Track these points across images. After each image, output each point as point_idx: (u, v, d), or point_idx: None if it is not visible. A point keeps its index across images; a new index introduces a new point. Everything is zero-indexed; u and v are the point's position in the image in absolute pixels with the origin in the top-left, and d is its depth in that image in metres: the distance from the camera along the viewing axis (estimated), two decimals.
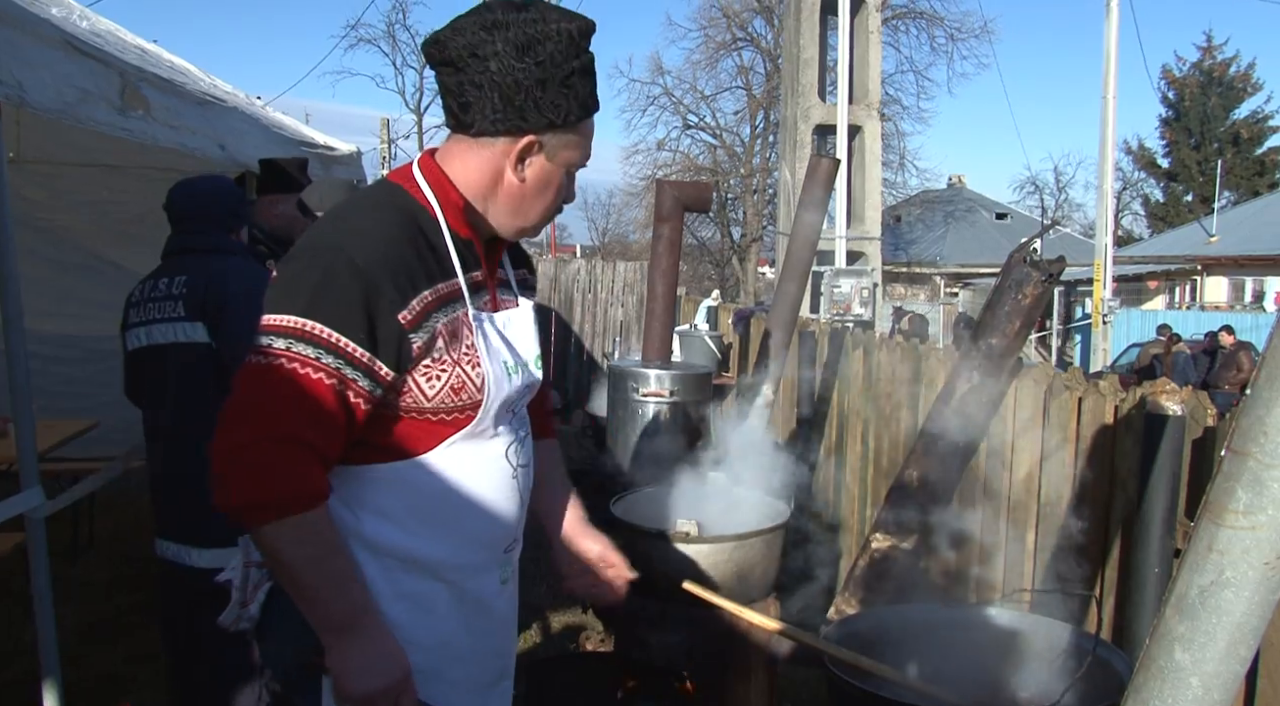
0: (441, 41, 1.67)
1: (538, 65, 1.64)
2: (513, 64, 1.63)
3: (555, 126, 1.70)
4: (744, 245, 35.68)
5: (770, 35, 33.51)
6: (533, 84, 1.65)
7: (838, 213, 15.99)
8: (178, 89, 4.33)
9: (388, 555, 1.73)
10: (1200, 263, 31.20)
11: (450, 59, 1.66)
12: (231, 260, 3.11)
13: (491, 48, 1.63)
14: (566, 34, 1.67)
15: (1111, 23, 18.68)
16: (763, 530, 2.95)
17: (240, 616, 1.88)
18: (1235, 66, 41.33)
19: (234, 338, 2.92)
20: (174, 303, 3.03)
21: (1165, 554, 2.51)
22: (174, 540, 3.01)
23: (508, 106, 1.66)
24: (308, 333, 1.55)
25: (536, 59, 1.64)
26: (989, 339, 3.18)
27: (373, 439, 1.68)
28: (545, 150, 1.72)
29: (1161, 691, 1.30)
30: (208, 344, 2.97)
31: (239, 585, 1.89)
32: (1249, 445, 1.20)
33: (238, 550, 1.97)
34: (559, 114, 1.69)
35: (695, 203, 4.60)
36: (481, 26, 1.64)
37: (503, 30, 1.63)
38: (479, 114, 1.67)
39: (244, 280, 3.03)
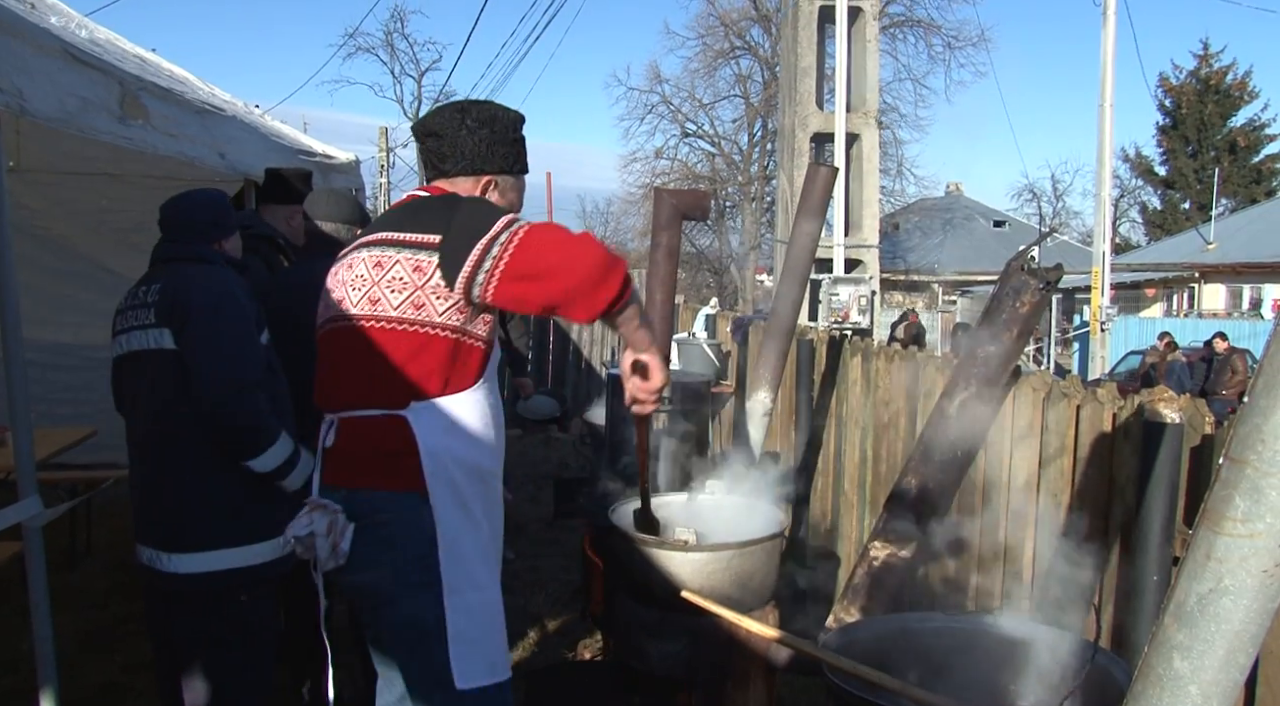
0: (426, 122, 2.57)
1: (493, 132, 2.55)
2: (476, 130, 2.53)
3: (505, 171, 2.59)
4: (742, 253, 35.70)
5: (768, 44, 33.55)
6: (491, 142, 2.55)
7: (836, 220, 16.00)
8: (177, 98, 4.34)
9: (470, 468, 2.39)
10: (1198, 270, 31.24)
11: (433, 131, 2.54)
12: (204, 269, 3.06)
13: (462, 122, 2.53)
14: (510, 117, 2.61)
15: (1108, 31, 18.72)
16: (761, 539, 2.95)
17: (333, 555, 2.32)
18: (1232, 74, 41.43)
19: (195, 344, 2.92)
20: (147, 310, 3.01)
21: (1164, 561, 2.52)
22: (150, 545, 3.00)
23: (475, 156, 2.54)
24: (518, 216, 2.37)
25: (492, 128, 2.55)
26: (987, 347, 3.19)
27: (463, 366, 2.38)
28: (499, 188, 2.59)
29: (1160, 699, 1.30)
30: (174, 351, 2.95)
31: (323, 532, 2.32)
32: (1247, 453, 1.20)
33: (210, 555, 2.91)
34: (508, 163, 2.59)
35: (693, 211, 4.60)
36: (454, 110, 2.56)
37: (469, 113, 2.55)
38: (453, 163, 2.54)
39: (212, 289, 2.98)
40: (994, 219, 45.97)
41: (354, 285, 2.40)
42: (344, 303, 2.42)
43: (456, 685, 2.32)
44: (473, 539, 2.39)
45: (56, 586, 3.40)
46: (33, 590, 3.15)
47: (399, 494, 2.33)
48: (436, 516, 2.32)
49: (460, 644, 2.33)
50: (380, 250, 2.38)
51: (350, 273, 2.43)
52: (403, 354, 2.33)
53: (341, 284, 2.45)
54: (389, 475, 2.34)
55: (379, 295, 2.34)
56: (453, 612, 2.33)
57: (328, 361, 2.47)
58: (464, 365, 2.37)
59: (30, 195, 6.58)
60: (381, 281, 2.35)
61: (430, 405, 2.34)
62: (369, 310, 2.35)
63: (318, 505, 2.36)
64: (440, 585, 2.32)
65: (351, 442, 2.39)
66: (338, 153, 7.25)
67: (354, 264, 2.44)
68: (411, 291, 2.31)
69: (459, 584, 2.34)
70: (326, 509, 2.35)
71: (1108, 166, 19.80)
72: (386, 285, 2.34)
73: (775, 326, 4.56)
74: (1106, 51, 18.84)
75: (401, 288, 2.32)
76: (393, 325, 2.33)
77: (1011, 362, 3.29)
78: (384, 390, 2.34)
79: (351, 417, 2.39)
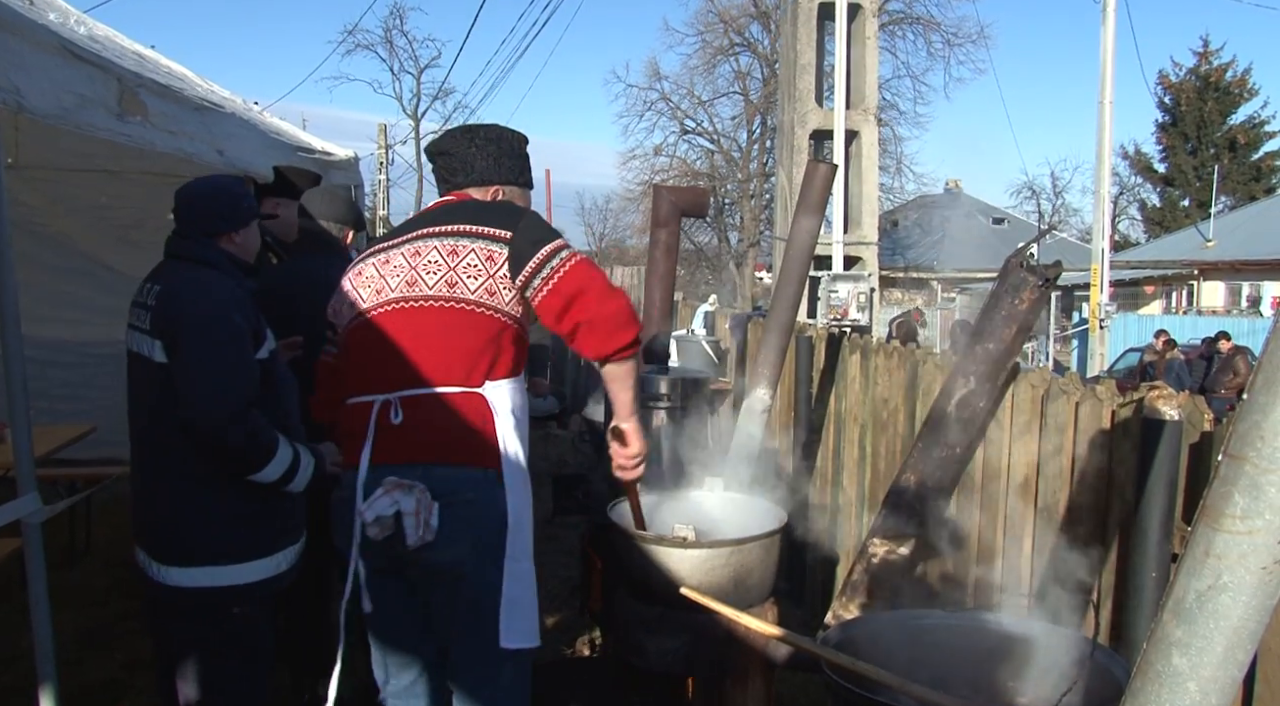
0: (437, 143, 2.85)
1: (499, 148, 2.80)
2: (484, 146, 2.79)
3: (511, 183, 2.83)
4: (741, 250, 35.70)
5: (767, 41, 33.54)
6: (497, 157, 2.80)
7: (835, 218, 16.00)
8: (175, 94, 4.33)
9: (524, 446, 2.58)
10: (1197, 267, 31.24)
11: (444, 150, 2.81)
12: (201, 274, 2.90)
13: (469, 140, 2.80)
14: (514, 136, 2.86)
15: (1108, 28, 18.72)
16: (760, 535, 2.95)
17: (423, 533, 2.43)
18: (1232, 71, 41.39)
19: (184, 368, 2.78)
20: (146, 313, 2.88)
21: (1162, 558, 2.52)
22: (144, 550, 2.96)
23: (483, 170, 2.78)
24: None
25: (499, 145, 2.81)
26: (986, 343, 3.19)
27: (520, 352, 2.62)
28: (506, 198, 2.80)
29: (1159, 696, 1.30)
30: (162, 364, 2.80)
31: (411, 510, 2.42)
32: (1246, 450, 1.20)
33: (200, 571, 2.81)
34: (513, 176, 2.83)
35: (692, 208, 4.61)
36: (462, 131, 2.85)
37: (475, 133, 2.82)
38: (464, 176, 2.79)
39: (203, 304, 2.83)
40: (993, 216, 45.94)
41: (428, 269, 2.56)
42: (416, 284, 2.56)
43: (501, 643, 2.51)
44: (529, 513, 2.58)
45: (56, 583, 3.39)
46: (32, 587, 3.15)
47: (478, 471, 2.49)
48: (509, 491, 2.52)
49: (511, 607, 2.53)
50: (455, 240, 2.57)
51: (419, 259, 2.58)
52: (482, 335, 2.52)
53: (409, 268, 2.59)
54: (468, 452, 2.50)
55: (456, 279, 2.52)
56: (510, 578, 2.52)
57: (382, 343, 2.57)
58: (521, 351, 2.63)
59: (29, 192, 6.56)
60: (459, 268, 2.53)
61: (500, 385, 2.55)
62: (448, 293, 2.52)
63: (399, 484, 2.45)
64: (504, 553, 2.52)
65: (424, 419, 2.51)
66: (336, 149, 7.24)
67: (422, 250, 2.59)
68: (485, 279, 2.52)
69: (517, 552, 2.54)
70: (412, 488, 2.45)
71: (1107, 163, 19.80)
72: (464, 272, 2.52)
73: (774, 323, 4.56)
74: (1106, 48, 18.83)
75: (477, 274, 2.52)
76: (471, 308, 2.52)
77: (1010, 360, 3.29)
78: (466, 367, 2.51)
79: (421, 396, 2.52)
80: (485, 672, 2.58)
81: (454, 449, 2.49)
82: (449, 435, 2.49)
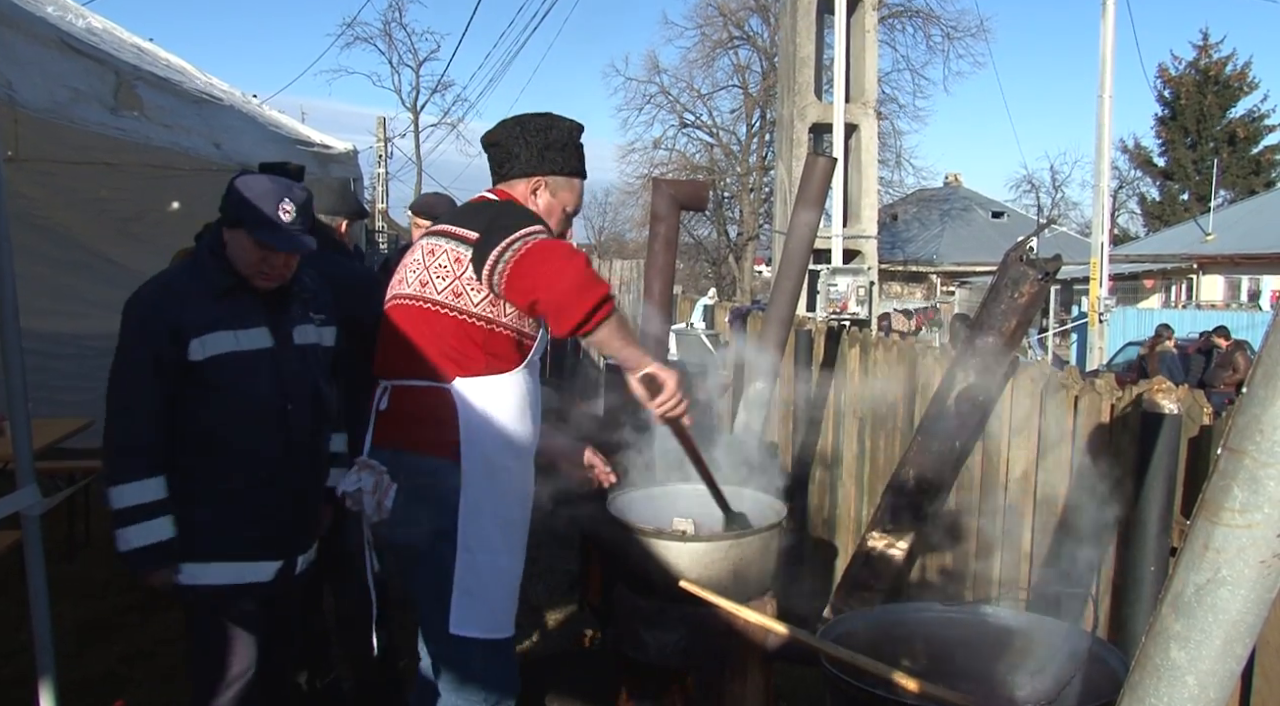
0: (490, 133, 2.86)
1: (545, 138, 2.79)
2: (530, 137, 2.78)
3: (555, 173, 2.81)
4: (740, 244, 35.67)
5: (767, 34, 33.47)
6: (542, 148, 2.78)
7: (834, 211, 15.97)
8: (174, 87, 4.33)
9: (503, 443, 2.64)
10: (1196, 261, 31.21)
11: (494, 141, 2.83)
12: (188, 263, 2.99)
13: (518, 131, 2.79)
14: (565, 125, 2.84)
15: (1108, 21, 18.68)
16: (759, 529, 2.95)
17: (377, 511, 2.59)
18: (1231, 65, 41.33)
19: None
20: None
21: (1161, 552, 2.52)
22: None
23: (527, 161, 2.78)
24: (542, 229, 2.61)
25: (545, 136, 2.79)
26: (985, 337, 3.19)
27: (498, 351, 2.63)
28: (549, 187, 2.82)
29: (1158, 689, 1.30)
30: None
31: (370, 490, 2.59)
32: (1245, 443, 1.20)
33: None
34: (558, 166, 2.81)
35: (691, 201, 4.60)
36: (514, 122, 2.83)
37: (525, 123, 2.81)
38: (509, 166, 2.80)
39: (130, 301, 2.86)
40: (993, 210, 45.90)
41: (411, 268, 2.73)
42: (402, 282, 2.74)
43: (450, 629, 2.62)
44: (494, 506, 2.64)
45: (55, 576, 3.39)
46: (31, 580, 3.15)
47: (437, 459, 2.60)
48: (464, 481, 2.59)
49: (462, 595, 2.62)
50: (435, 240, 2.71)
51: (411, 257, 2.77)
52: (445, 334, 2.62)
53: (404, 265, 2.78)
54: (430, 441, 2.62)
55: (428, 279, 2.66)
56: (461, 567, 2.61)
57: (386, 333, 2.75)
58: (499, 351, 2.65)
59: (29, 185, 6.55)
60: (431, 267, 2.67)
61: (471, 382, 2.62)
62: (419, 291, 2.67)
63: (366, 465, 2.65)
64: (456, 540, 2.61)
65: (400, 408, 2.69)
66: (335, 142, 7.24)
67: (416, 248, 2.78)
68: (451, 280, 2.62)
69: (472, 543, 2.61)
70: (374, 468, 2.63)
71: (1106, 157, 19.76)
72: (434, 271, 2.66)
73: (773, 317, 4.56)
74: (1106, 42, 18.80)
75: (445, 274, 2.63)
76: (435, 308, 2.63)
77: (1010, 353, 3.29)
78: (431, 364, 2.63)
79: (402, 386, 2.69)
80: (445, 654, 2.70)
81: (417, 437, 2.65)
82: (415, 424, 2.66)
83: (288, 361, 2.94)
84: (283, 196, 2.81)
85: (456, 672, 2.69)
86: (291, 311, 2.99)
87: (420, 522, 2.62)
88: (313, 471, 3.05)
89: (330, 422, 3.14)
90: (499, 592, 2.68)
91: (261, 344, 2.89)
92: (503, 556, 2.68)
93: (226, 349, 2.82)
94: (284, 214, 2.79)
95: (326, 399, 3.08)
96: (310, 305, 3.08)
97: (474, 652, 2.66)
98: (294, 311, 3.00)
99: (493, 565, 2.65)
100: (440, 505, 2.61)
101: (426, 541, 2.63)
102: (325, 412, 3.08)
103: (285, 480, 2.92)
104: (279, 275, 2.88)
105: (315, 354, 3.05)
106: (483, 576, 2.64)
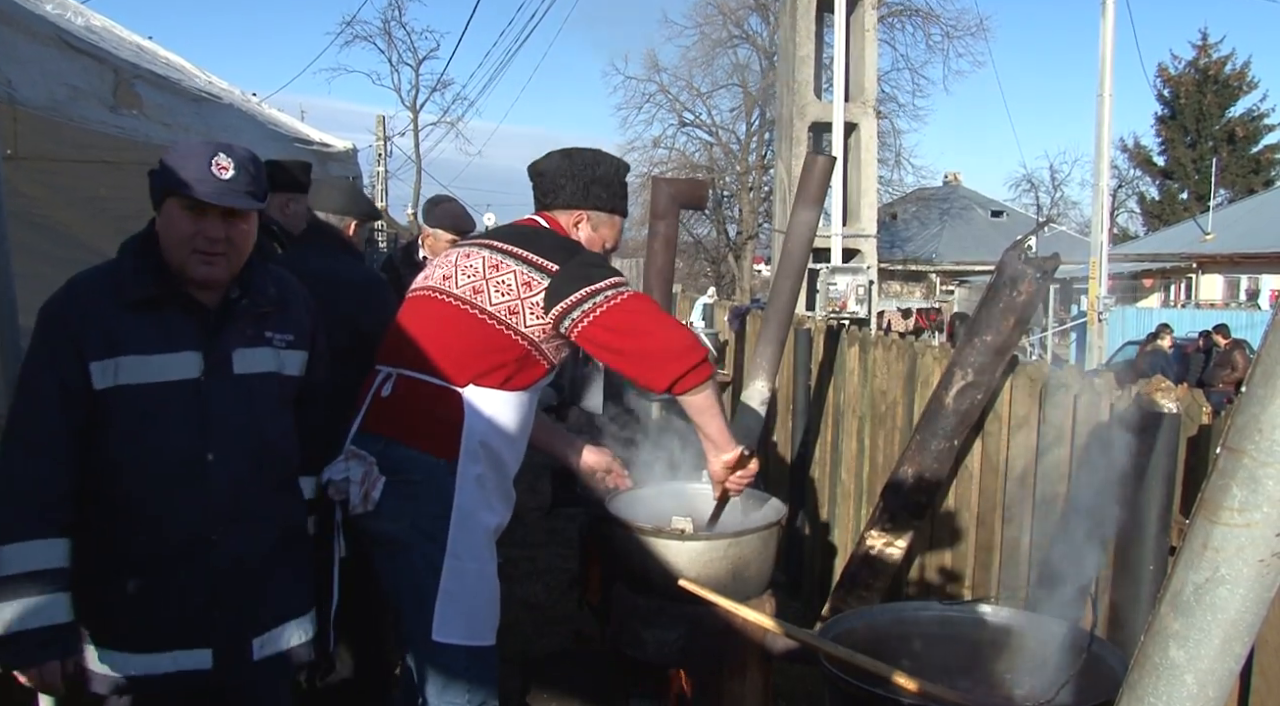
0: (537, 163, 2.94)
1: (591, 175, 2.88)
2: (577, 173, 2.87)
3: (598, 209, 2.90)
4: (740, 243, 35.65)
5: (766, 32, 33.45)
6: (588, 183, 2.88)
7: (833, 210, 15.96)
8: (173, 86, 4.32)
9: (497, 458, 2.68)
10: (1196, 260, 31.21)
11: (541, 171, 2.92)
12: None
13: (566, 165, 2.89)
14: (611, 163, 2.95)
15: (1107, 20, 18.69)
16: (758, 527, 2.95)
17: (364, 503, 2.55)
18: (1231, 64, 41.32)
19: None
20: None
21: (1160, 551, 2.52)
22: None
23: (572, 194, 2.87)
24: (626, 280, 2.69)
25: (591, 172, 2.88)
26: (984, 336, 3.19)
27: (524, 372, 2.70)
28: (591, 222, 2.91)
29: (1156, 688, 1.30)
30: None
31: (358, 480, 2.55)
32: (1244, 442, 1.21)
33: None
34: (602, 202, 2.90)
35: (691, 200, 4.60)
36: (561, 155, 2.93)
37: (573, 157, 2.91)
38: (553, 197, 2.89)
39: None
40: (992, 209, 45.92)
41: (465, 272, 2.73)
42: (450, 280, 2.74)
43: (432, 636, 2.60)
44: (484, 517, 2.68)
45: None
46: None
47: (433, 458, 2.61)
48: (458, 486, 2.61)
49: (447, 602, 2.61)
50: (502, 256, 2.72)
51: (466, 261, 2.76)
52: (478, 342, 2.65)
53: (454, 265, 2.77)
54: (430, 438, 2.62)
55: (484, 288, 2.67)
56: (448, 573, 2.60)
57: (408, 322, 2.77)
58: (525, 372, 2.71)
59: (29, 183, 6.54)
60: (492, 280, 2.68)
61: (486, 392, 2.65)
62: (469, 296, 2.68)
63: (355, 454, 2.62)
64: (445, 546, 2.60)
65: (405, 400, 2.67)
66: (335, 141, 7.24)
67: (472, 255, 2.77)
68: (513, 299, 2.65)
69: (460, 550, 2.62)
70: (363, 458, 2.61)
71: (1106, 157, 19.76)
72: (494, 285, 2.67)
73: (773, 316, 4.56)
74: (1105, 41, 18.80)
75: (506, 291, 2.66)
76: (485, 317, 2.65)
77: (1009, 352, 3.29)
78: (456, 366, 2.64)
79: (411, 377, 2.68)
80: (427, 660, 2.67)
81: (417, 433, 2.63)
82: (417, 419, 2.64)
83: (219, 397, 2.33)
84: (216, 152, 2.29)
85: (439, 679, 2.67)
86: (235, 330, 2.38)
87: (404, 517, 2.62)
88: (257, 537, 2.39)
89: (290, 470, 2.53)
90: (483, 601, 2.70)
91: (184, 373, 2.30)
92: (488, 564, 2.71)
93: (134, 378, 2.26)
94: (218, 169, 2.24)
95: (277, 445, 2.45)
96: (271, 323, 2.46)
97: (457, 659, 2.66)
98: (240, 330, 2.39)
99: (479, 574, 2.67)
100: (427, 504, 2.61)
101: (408, 538, 2.63)
102: (275, 461, 2.45)
103: (207, 551, 2.30)
104: (218, 257, 2.29)
105: (267, 387, 2.43)
106: (469, 584, 2.64)
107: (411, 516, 2.61)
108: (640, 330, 2.58)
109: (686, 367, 2.55)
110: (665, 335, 2.58)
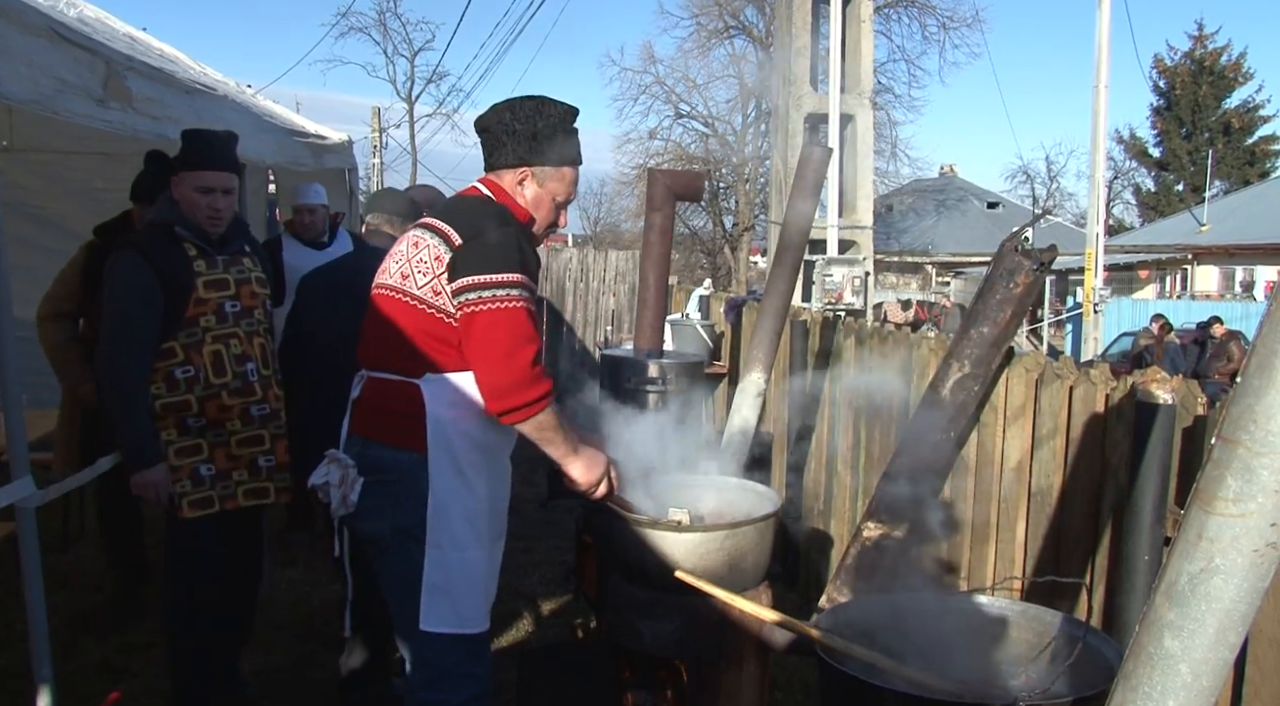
0: (480, 118, 2.77)
1: (532, 127, 2.69)
2: (518, 127, 2.69)
3: (542, 162, 2.72)
4: (736, 234, 35.63)
5: (762, 23, 33.39)
6: (529, 136, 2.69)
7: (830, 202, 15.95)
8: (166, 78, 4.29)
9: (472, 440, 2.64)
10: (1191, 252, 31.25)
11: (483, 127, 2.76)
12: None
13: (507, 118, 2.71)
14: (557, 110, 2.73)
15: (1103, 12, 18.67)
16: (754, 519, 2.96)
17: (343, 505, 2.64)
18: (1226, 56, 41.35)
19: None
20: None
21: (1155, 542, 2.52)
22: None
23: (513, 151, 2.71)
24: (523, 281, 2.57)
25: (533, 123, 2.69)
26: (980, 327, 3.19)
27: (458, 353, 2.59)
28: (536, 178, 2.74)
29: (1151, 678, 1.31)
30: None
31: (337, 483, 2.63)
32: (1239, 433, 1.21)
33: None
34: (545, 156, 2.72)
35: (687, 192, 4.59)
36: (505, 108, 2.73)
37: (515, 108, 2.71)
38: (497, 156, 2.73)
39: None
40: (988, 200, 45.93)
41: (394, 257, 2.72)
42: (385, 272, 2.73)
43: (421, 626, 2.63)
44: (462, 503, 2.65)
45: (50, 568, 3.39)
46: (26, 571, 3.15)
47: (405, 453, 2.61)
48: (430, 477, 2.60)
49: (432, 592, 2.63)
50: (421, 232, 2.68)
51: (399, 246, 2.74)
52: (421, 330, 2.60)
53: (390, 254, 2.76)
54: (400, 434, 2.62)
55: (409, 272, 2.64)
56: (430, 564, 2.62)
57: (368, 323, 2.78)
58: None
59: (25, 174, 6.54)
60: (413, 260, 2.64)
61: (442, 378, 2.61)
62: (400, 284, 2.65)
63: (333, 458, 2.69)
64: (424, 537, 2.62)
65: (373, 399, 2.71)
66: (330, 133, 7.20)
67: (402, 240, 2.75)
68: (431, 278, 2.59)
69: (440, 540, 2.63)
70: (340, 461, 2.67)
71: (1102, 148, 19.78)
72: (416, 266, 2.63)
73: (769, 307, 4.56)
74: (1101, 32, 18.79)
75: (425, 271, 2.60)
76: (415, 303, 2.61)
77: (1005, 343, 3.29)
78: (404, 358, 2.62)
79: (375, 377, 2.71)
80: (417, 650, 2.70)
81: (385, 430, 2.66)
82: (383, 417, 2.67)
83: None
84: None
85: (430, 669, 2.69)
86: None
87: (384, 516, 2.65)
88: None
89: None
90: (469, 588, 2.69)
91: None
92: (471, 550, 2.68)
93: None
94: None
95: None
96: None
97: (446, 648, 2.66)
98: None
99: (462, 561, 2.66)
100: (404, 499, 2.63)
101: (390, 535, 2.66)
102: None
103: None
104: None
105: None
106: (452, 573, 2.65)
107: (391, 513, 2.64)
108: (498, 349, 2.51)
109: (518, 404, 2.52)
110: (516, 365, 2.51)
